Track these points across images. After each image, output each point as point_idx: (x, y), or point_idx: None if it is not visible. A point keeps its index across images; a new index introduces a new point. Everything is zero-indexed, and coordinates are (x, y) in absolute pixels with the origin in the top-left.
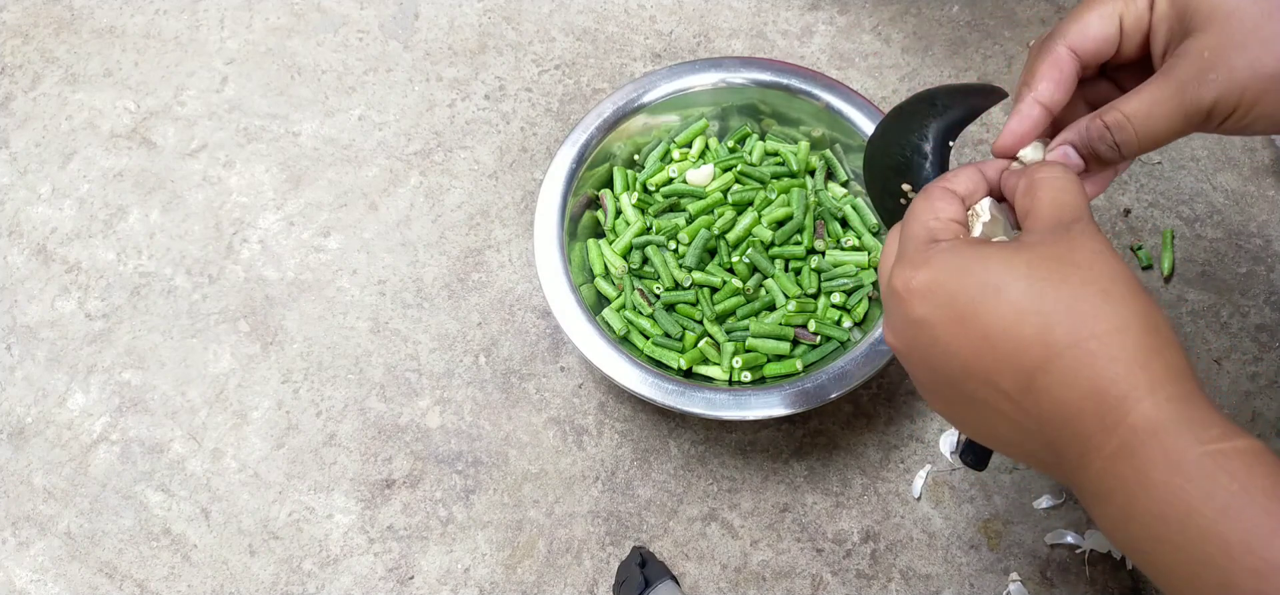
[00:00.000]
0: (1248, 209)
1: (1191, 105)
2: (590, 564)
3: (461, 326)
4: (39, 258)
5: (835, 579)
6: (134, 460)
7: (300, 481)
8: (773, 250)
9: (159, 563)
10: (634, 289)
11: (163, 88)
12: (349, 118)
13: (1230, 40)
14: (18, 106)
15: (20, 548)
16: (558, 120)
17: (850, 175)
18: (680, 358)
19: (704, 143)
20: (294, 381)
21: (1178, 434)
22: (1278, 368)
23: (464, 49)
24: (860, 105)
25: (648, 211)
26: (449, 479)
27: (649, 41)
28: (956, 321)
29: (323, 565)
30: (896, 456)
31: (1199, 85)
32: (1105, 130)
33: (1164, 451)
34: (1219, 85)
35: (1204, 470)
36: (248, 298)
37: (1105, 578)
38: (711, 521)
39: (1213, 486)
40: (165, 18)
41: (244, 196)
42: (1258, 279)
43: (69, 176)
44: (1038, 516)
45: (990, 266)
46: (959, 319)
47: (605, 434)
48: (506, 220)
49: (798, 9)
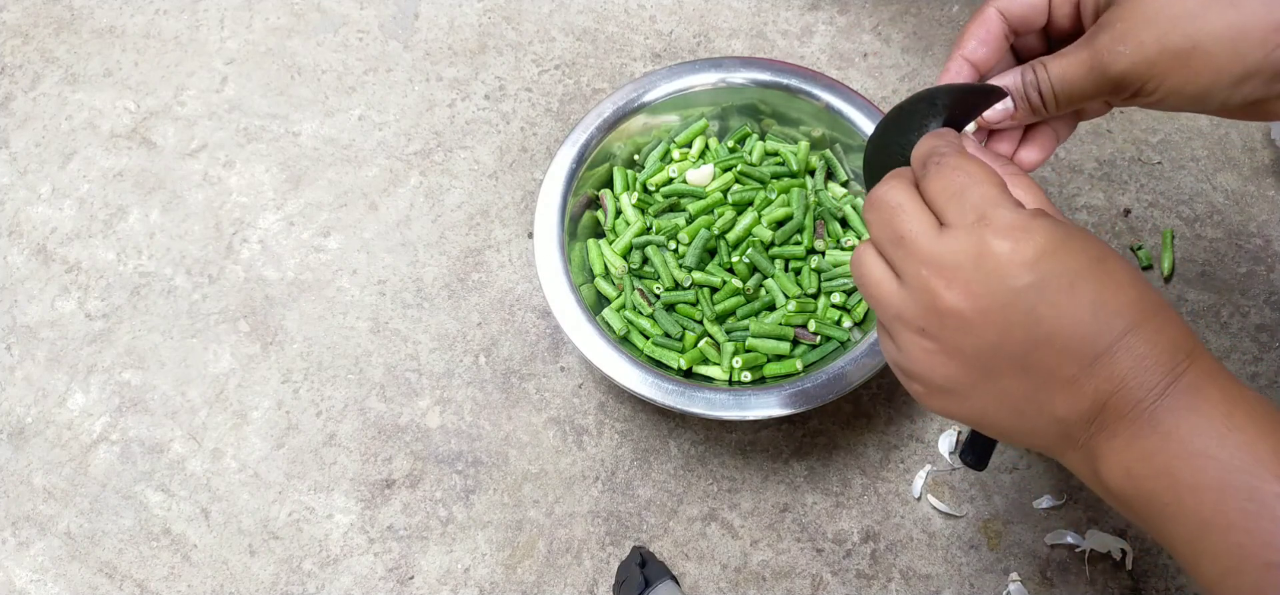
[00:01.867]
0: (1248, 209)
1: (1103, 71)
2: (590, 564)
3: (461, 326)
4: (39, 258)
5: (835, 579)
6: (134, 460)
7: (300, 481)
8: (773, 250)
9: (159, 563)
10: (634, 289)
11: (163, 88)
12: (349, 118)
13: (1143, 16)
14: (18, 106)
15: (20, 548)
16: (558, 120)
17: (850, 175)
18: (680, 358)
19: (704, 143)
20: (294, 381)
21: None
22: (1278, 368)
23: (464, 49)
24: (860, 105)
25: (648, 211)
26: (449, 479)
27: (649, 41)
28: (1067, 289)
29: (323, 565)
30: (896, 456)
31: (1110, 55)
32: (1033, 78)
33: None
34: (1129, 58)
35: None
36: (248, 298)
37: (1105, 578)
38: (711, 521)
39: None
40: (165, 18)
41: (244, 196)
42: (1258, 279)
43: (69, 176)
44: (1038, 516)
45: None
46: (1069, 286)
47: (605, 434)
48: (506, 220)
49: (798, 9)
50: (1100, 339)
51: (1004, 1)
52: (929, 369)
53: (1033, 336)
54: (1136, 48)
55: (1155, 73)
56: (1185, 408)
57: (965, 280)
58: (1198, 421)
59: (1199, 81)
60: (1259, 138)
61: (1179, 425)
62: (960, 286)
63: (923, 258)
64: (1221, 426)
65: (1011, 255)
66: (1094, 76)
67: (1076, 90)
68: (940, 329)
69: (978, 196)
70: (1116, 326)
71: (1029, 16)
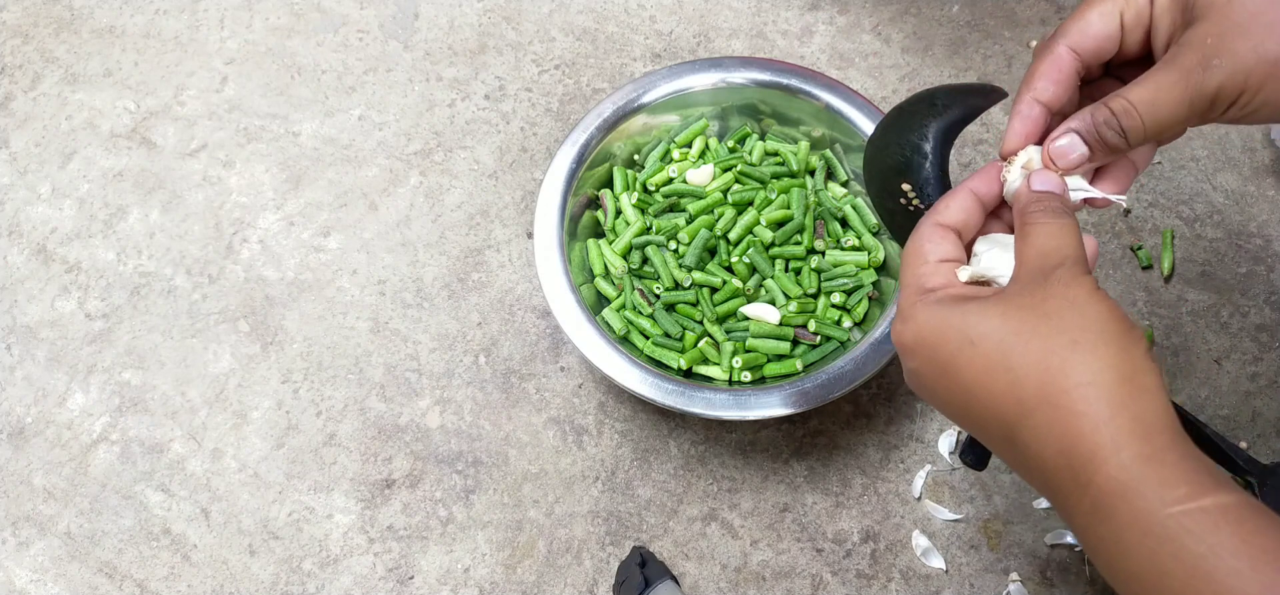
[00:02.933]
0: (1248, 209)
1: (1197, 91)
2: (590, 564)
3: (461, 326)
4: (39, 258)
5: (835, 579)
6: (134, 460)
7: (300, 481)
8: (773, 250)
9: (159, 563)
10: (634, 289)
11: (163, 88)
12: (349, 118)
13: (1234, 26)
14: (18, 106)
15: (20, 548)
16: (558, 120)
17: (850, 175)
18: (680, 358)
19: (704, 143)
20: (294, 381)
21: (1144, 495)
22: (1278, 368)
23: (464, 49)
24: (860, 105)
25: (648, 211)
26: (449, 479)
27: (649, 41)
28: (940, 375)
29: (323, 565)
30: (896, 456)
31: (1204, 71)
32: (1112, 116)
33: (1132, 513)
34: (1224, 71)
35: (1170, 533)
36: (248, 298)
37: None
38: (711, 521)
39: (1179, 549)
40: (165, 18)
41: (244, 196)
42: (1258, 279)
43: (69, 176)
44: (1038, 516)
45: (968, 321)
46: (942, 372)
47: (605, 434)
48: (506, 220)
49: (798, 9)
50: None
51: (1075, 38)
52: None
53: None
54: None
55: (1250, 84)
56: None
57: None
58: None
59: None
60: (1259, 138)
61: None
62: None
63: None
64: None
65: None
66: (1189, 97)
67: (1171, 116)
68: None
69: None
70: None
71: (1103, 49)
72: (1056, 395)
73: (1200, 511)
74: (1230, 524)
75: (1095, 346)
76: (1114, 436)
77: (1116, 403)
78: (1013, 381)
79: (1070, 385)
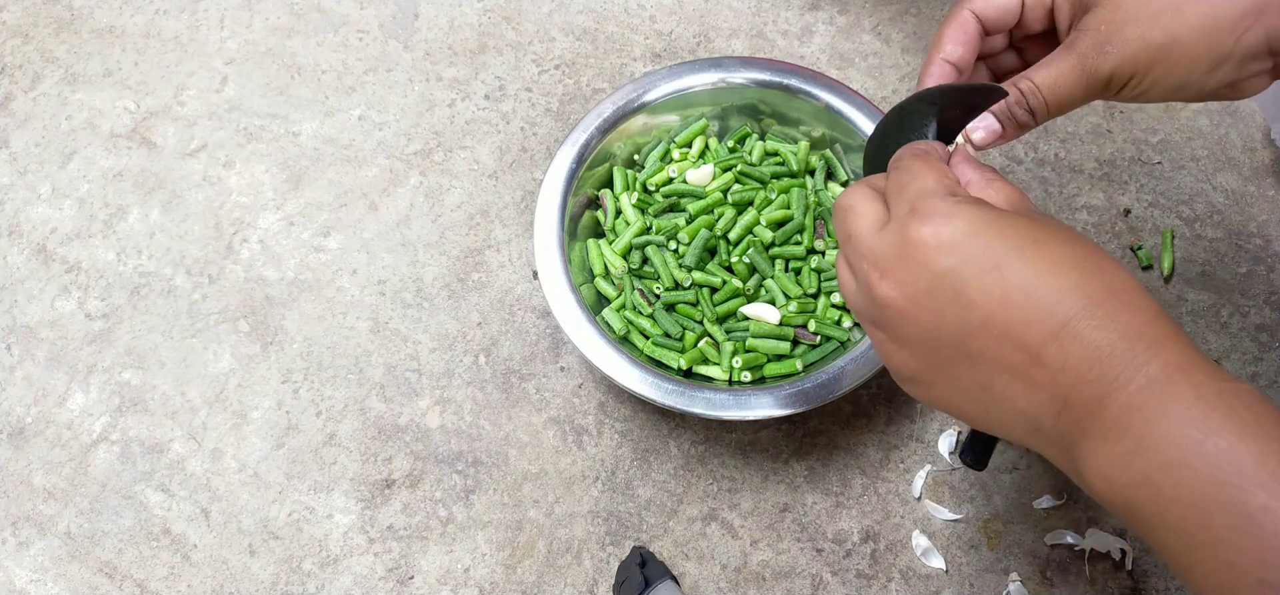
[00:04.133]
0: (1248, 209)
1: (1092, 74)
2: (590, 564)
3: (461, 326)
4: (39, 258)
5: (835, 579)
6: (134, 460)
7: (300, 481)
8: (773, 250)
9: (159, 563)
10: (634, 289)
11: (163, 88)
12: (349, 118)
13: (1125, 15)
14: (18, 106)
15: (20, 548)
16: (558, 120)
17: (850, 175)
18: (680, 358)
19: (704, 143)
20: (294, 381)
21: (1201, 370)
22: (1278, 368)
23: (464, 49)
24: (860, 105)
25: (648, 211)
26: (449, 479)
27: (649, 41)
28: (992, 270)
29: (323, 565)
30: (896, 456)
31: (1098, 56)
32: (1022, 96)
33: (1192, 383)
34: (1116, 57)
35: (1225, 400)
36: (248, 298)
37: (1105, 578)
38: (711, 521)
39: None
40: (165, 18)
41: (244, 196)
42: (1258, 279)
43: (69, 176)
44: (1038, 516)
45: (1022, 223)
46: (995, 267)
47: (605, 434)
48: (506, 220)
49: (798, 9)
50: (1041, 324)
51: (979, 3)
52: (889, 359)
53: (966, 321)
54: (1122, 47)
55: (1139, 68)
56: (1155, 409)
57: (893, 269)
58: (1170, 427)
59: (1178, 73)
60: (1259, 138)
61: (1150, 430)
62: (891, 277)
63: (863, 252)
64: (1196, 432)
65: (931, 238)
66: (1085, 80)
67: (1068, 97)
68: (884, 320)
69: (914, 190)
70: (1059, 311)
71: (1002, 17)
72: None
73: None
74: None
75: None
76: (1172, 329)
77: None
78: (1082, 276)
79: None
